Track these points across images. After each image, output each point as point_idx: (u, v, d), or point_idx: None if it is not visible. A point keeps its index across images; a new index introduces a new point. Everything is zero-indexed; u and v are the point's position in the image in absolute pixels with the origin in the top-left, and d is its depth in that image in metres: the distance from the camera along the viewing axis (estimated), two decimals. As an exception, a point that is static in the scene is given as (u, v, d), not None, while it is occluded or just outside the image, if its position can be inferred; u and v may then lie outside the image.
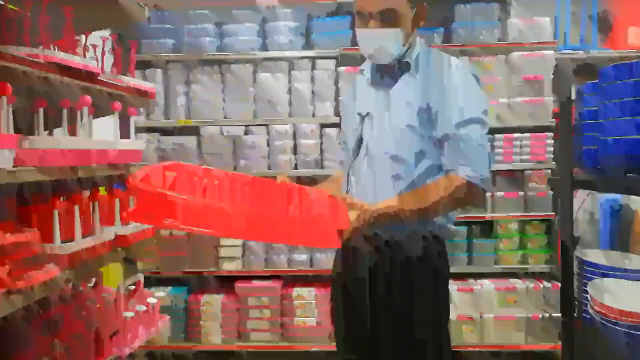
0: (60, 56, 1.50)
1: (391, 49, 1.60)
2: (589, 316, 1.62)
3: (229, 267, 3.50)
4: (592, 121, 1.69)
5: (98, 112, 1.84)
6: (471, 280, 3.45)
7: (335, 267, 1.80)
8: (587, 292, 1.64)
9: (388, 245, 1.59)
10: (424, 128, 1.57)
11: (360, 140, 1.68)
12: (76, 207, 1.58)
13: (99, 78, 1.74)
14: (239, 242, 3.48)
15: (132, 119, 1.98)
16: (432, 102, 1.55)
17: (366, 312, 1.63)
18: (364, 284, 1.64)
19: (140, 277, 2.15)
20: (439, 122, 1.55)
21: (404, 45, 1.62)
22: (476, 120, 1.53)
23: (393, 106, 1.62)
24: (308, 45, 3.58)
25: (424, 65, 1.62)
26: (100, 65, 1.77)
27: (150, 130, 3.57)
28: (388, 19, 1.58)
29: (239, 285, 3.49)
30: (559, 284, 1.81)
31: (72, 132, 1.65)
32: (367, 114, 1.67)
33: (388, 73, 1.67)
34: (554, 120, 3.34)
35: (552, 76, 3.37)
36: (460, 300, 3.32)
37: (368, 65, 1.74)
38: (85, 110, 1.66)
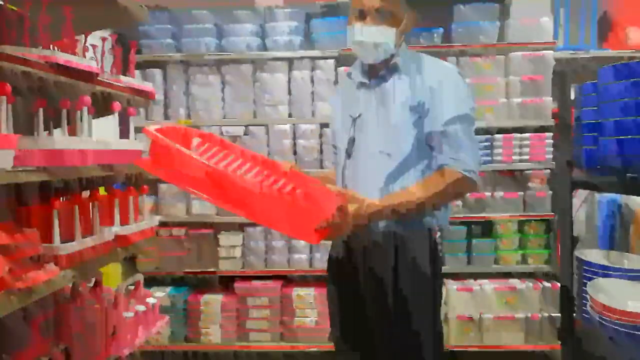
0: (59, 56, 1.50)
1: (386, 46, 1.65)
2: (588, 316, 1.62)
3: (229, 267, 3.50)
4: (592, 121, 1.70)
5: (98, 112, 1.84)
6: (471, 280, 3.43)
7: (329, 266, 1.83)
8: (587, 292, 1.64)
9: (379, 240, 1.63)
10: (414, 125, 1.62)
11: (352, 141, 1.72)
12: (76, 207, 1.58)
13: (98, 78, 1.74)
14: (239, 242, 3.48)
15: (132, 119, 1.98)
16: (420, 100, 1.61)
17: (355, 308, 1.69)
18: (355, 278, 1.69)
19: (140, 277, 2.15)
20: (427, 120, 1.61)
21: (395, 46, 1.67)
22: (463, 117, 1.60)
23: (384, 105, 1.66)
24: (308, 45, 3.57)
25: (412, 66, 1.67)
26: (99, 66, 1.77)
27: (150, 130, 3.56)
28: (384, 17, 1.63)
29: (238, 285, 3.49)
30: (559, 284, 1.82)
31: (72, 132, 1.65)
32: (359, 115, 1.72)
33: (377, 74, 1.71)
34: (553, 120, 3.34)
35: (551, 76, 3.36)
36: (459, 300, 3.31)
37: (357, 67, 1.78)
38: (85, 110, 1.66)
